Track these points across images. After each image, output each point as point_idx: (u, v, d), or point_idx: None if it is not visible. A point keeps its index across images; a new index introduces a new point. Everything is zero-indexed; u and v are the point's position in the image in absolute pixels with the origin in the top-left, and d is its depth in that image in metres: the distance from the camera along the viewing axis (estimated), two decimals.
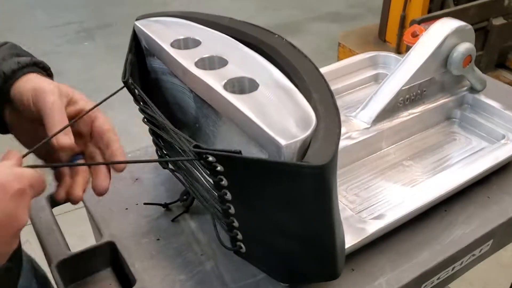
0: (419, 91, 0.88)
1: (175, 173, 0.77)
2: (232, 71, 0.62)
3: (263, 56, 0.65)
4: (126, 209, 0.79)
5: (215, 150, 0.54)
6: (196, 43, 0.69)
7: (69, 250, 0.72)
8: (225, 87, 0.59)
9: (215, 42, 0.68)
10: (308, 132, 0.52)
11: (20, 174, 0.45)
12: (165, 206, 0.79)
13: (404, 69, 0.86)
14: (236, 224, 0.63)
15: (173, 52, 0.66)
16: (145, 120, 0.71)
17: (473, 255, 0.77)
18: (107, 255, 0.74)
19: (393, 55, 1.06)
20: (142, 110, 0.70)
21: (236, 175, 0.56)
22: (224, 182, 0.58)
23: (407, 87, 0.85)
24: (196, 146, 0.55)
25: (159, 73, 0.77)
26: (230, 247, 0.69)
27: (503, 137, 0.87)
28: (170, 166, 0.78)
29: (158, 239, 0.74)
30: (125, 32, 0.79)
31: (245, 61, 0.64)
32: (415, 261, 0.70)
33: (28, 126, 0.60)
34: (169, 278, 0.68)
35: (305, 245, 0.59)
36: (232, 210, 0.61)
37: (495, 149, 0.83)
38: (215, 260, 0.70)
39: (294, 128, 0.52)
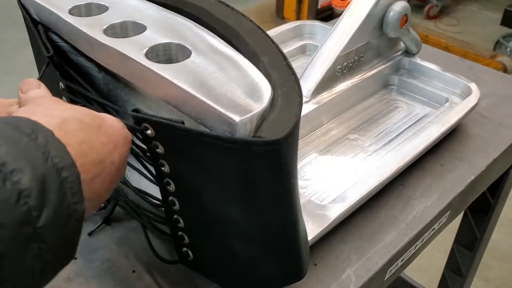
0: (356, 57, 0.79)
1: None
2: (152, 37, 0.50)
3: (190, 19, 0.53)
4: None
5: (155, 116, 0.43)
6: (101, 9, 0.55)
7: None
8: (148, 56, 0.47)
9: (126, 7, 0.55)
10: (266, 103, 0.41)
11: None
12: None
13: (339, 34, 0.77)
14: (181, 224, 0.52)
15: (73, 20, 0.52)
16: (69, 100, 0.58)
17: (433, 229, 0.70)
18: None
19: (319, 23, 0.97)
20: (68, 90, 0.56)
21: (179, 156, 0.46)
22: (166, 168, 0.48)
23: (344, 53, 0.76)
24: (135, 110, 0.44)
25: (57, 52, 0.62)
26: (168, 260, 0.57)
27: (446, 100, 0.81)
28: None
29: (76, 258, 0.59)
30: None
31: (166, 26, 0.51)
32: (382, 245, 0.62)
33: None
34: None
35: (263, 243, 0.49)
36: (176, 206, 0.51)
37: (443, 114, 0.77)
38: (151, 275, 0.58)
39: (246, 100, 0.41)
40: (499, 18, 2.96)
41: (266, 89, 0.42)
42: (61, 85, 0.58)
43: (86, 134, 0.37)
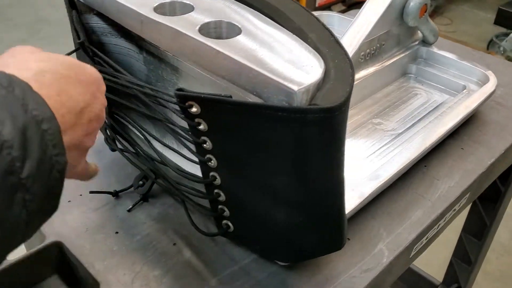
0: (378, 44, 0.82)
1: (126, 154, 0.65)
2: (200, 16, 0.52)
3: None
4: (69, 201, 0.65)
5: (203, 93, 0.45)
6: None
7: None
8: (201, 33, 0.49)
9: None
10: (320, 74, 0.43)
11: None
12: (115, 194, 0.66)
13: (362, 22, 0.79)
14: (222, 197, 0.53)
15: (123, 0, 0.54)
16: None
17: (454, 210, 0.73)
18: (52, 260, 0.60)
19: (336, 14, 1.00)
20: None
21: (223, 131, 0.47)
22: (208, 144, 0.49)
23: (368, 40, 0.79)
24: (180, 89, 0.45)
25: (97, 34, 0.64)
26: (210, 233, 0.59)
27: (464, 87, 0.84)
28: (120, 146, 0.65)
29: (117, 232, 0.61)
30: None
31: (213, 6, 0.53)
32: (410, 222, 0.64)
33: None
34: (141, 275, 0.56)
35: (310, 212, 0.50)
36: (217, 181, 0.52)
37: (462, 100, 0.80)
38: (191, 248, 0.60)
39: (301, 72, 0.43)
40: (492, 18, 3.01)
41: (319, 62, 0.44)
42: None
43: (63, 84, 0.37)
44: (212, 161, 0.51)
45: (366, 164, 0.69)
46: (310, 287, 0.56)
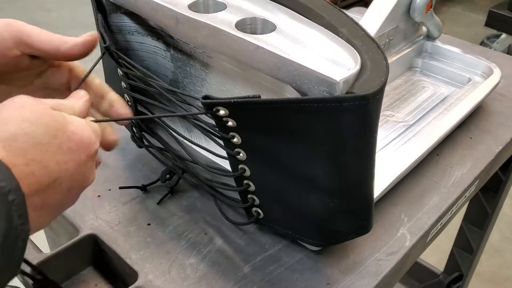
0: (387, 39, 0.85)
1: (151, 150, 0.67)
2: (234, 14, 0.54)
3: None
4: (99, 196, 0.67)
5: (230, 98, 0.46)
6: None
7: (41, 251, 0.59)
8: (238, 29, 0.51)
9: None
10: (358, 65, 0.45)
11: (98, 133, 0.42)
12: (144, 188, 0.68)
13: (372, 17, 0.82)
14: (252, 188, 0.55)
15: None
16: (129, 90, 0.61)
17: (465, 196, 0.76)
18: (87, 252, 0.62)
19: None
20: (126, 77, 0.59)
21: (253, 127, 0.49)
22: (237, 139, 0.50)
23: (378, 35, 0.82)
24: (205, 97, 0.46)
25: (123, 33, 0.65)
26: (243, 222, 0.61)
27: (469, 80, 0.88)
28: (146, 143, 0.67)
29: (149, 224, 0.63)
30: None
31: (244, 3, 0.56)
32: (428, 207, 0.67)
33: None
34: (177, 263, 0.58)
35: (342, 197, 0.52)
36: (247, 173, 0.54)
37: (468, 92, 0.83)
38: (222, 237, 0.62)
39: (339, 64, 0.46)
40: (483, 19, 3.06)
41: (354, 54, 0.47)
42: (119, 71, 0.61)
43: (37, 152, 0.34)
44: (241, 154, 0.53)
45: (383, 153, 0.72)
46: (338, 271, 0.58)
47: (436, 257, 1.50)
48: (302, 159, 0.50)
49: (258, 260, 0.59)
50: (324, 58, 0.47)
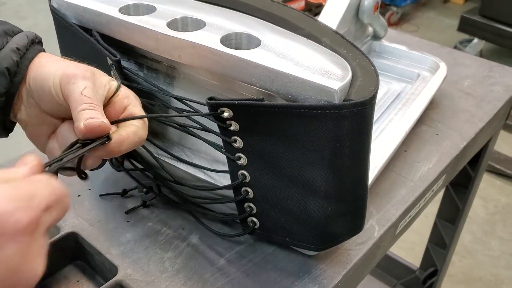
0: None
1: (130, 173, 0.66)
2: (215, 30, 0.54)
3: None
4: (79, 196, 0.69)
5: (234, 99, 0.48)
6: (149, 9, 0.59)
7: None
8: (223, 44, 0.51)
9: (174, 5, 0.59)
10: (350, 73, 0.47)
11: (33, 194, 0.31)
12: (123, 194, 0.70)
13: (326, 23, 0.85)
14: (250, 195, 0.56)
15: (131, 19, 0.55)
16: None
17: (432, 190, 0.80)
18: (68, 249, 0.64)
19: None
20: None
21: (255, 130, 0.50)
22: (239, 143, 0.52)
23: None
24: (211, 98, 0.48)
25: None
26: (236, 233, 0.62)
27: (418, 75, 0.92)
28: (130, 165, 0.66)
29: (128, 221, 0.66)
30: None
31: (224, 21, 0.55)
32: (396, 200, 0.70)
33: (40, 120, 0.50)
34: (155, 258, 0.61)
35: (338, 200, 0.52)
36: (247, 179, 0.55)
37: (421, 87, 0.87)
38: (199, 232, 0.64)
39: (331, 73, 0.47)
40: (456, 24, 3.15)
41: (343, 62, 0.49)
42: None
43: None
44: (241, 159, 0.53)
45: None
46: (310, 261, 0.61)
47: (412, 255, 1.54)
48: (302, 163, 0.50)
49: (233, 253, 0.62)
50: (316, 68, 0.47)
